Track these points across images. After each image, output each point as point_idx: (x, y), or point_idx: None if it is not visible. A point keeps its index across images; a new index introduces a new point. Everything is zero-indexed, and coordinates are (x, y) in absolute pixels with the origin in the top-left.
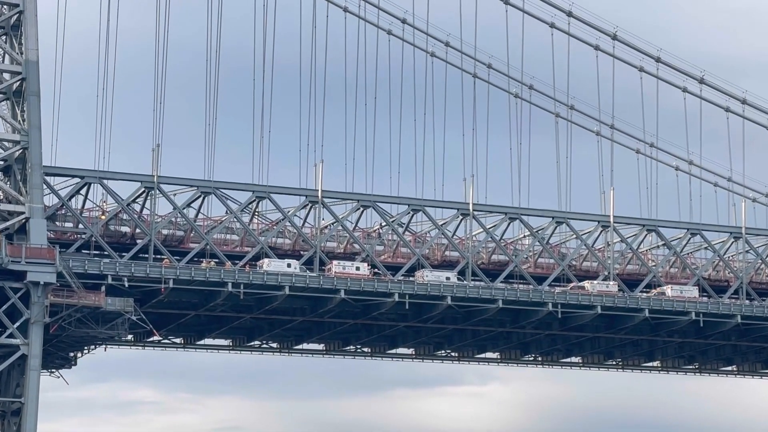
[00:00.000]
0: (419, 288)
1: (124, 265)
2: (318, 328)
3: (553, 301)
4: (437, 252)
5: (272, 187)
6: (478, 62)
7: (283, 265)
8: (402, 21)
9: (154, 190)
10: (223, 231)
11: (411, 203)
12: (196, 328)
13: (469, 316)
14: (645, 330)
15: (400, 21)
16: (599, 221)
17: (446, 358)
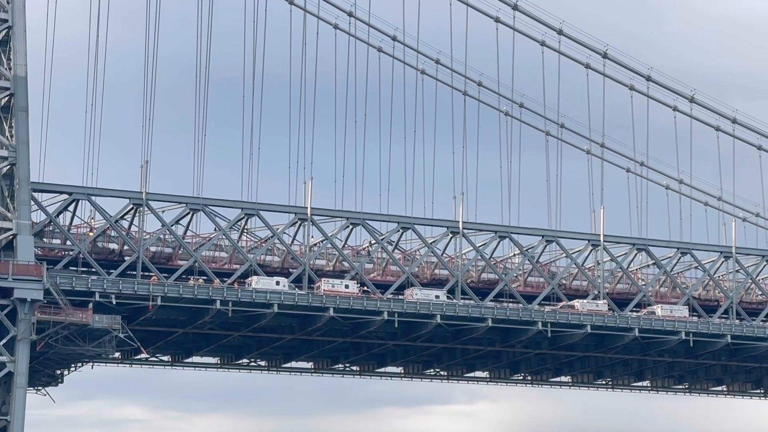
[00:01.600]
0: (408, 306)
1: (112, 282)
2: (307, 346)
3: (542, 320)
4: (427, 270)
5: (261, 204)
6: (469, 80)
7: (271, 282)
8: (392, 38)
9: (143, 207)
10: (211, 248)
11: (400, 221)
12: (184, 345)
13: (459, 335)
14: (635, 349)
15: (391, 38)
16: (589, 240)
17: (435, 377)
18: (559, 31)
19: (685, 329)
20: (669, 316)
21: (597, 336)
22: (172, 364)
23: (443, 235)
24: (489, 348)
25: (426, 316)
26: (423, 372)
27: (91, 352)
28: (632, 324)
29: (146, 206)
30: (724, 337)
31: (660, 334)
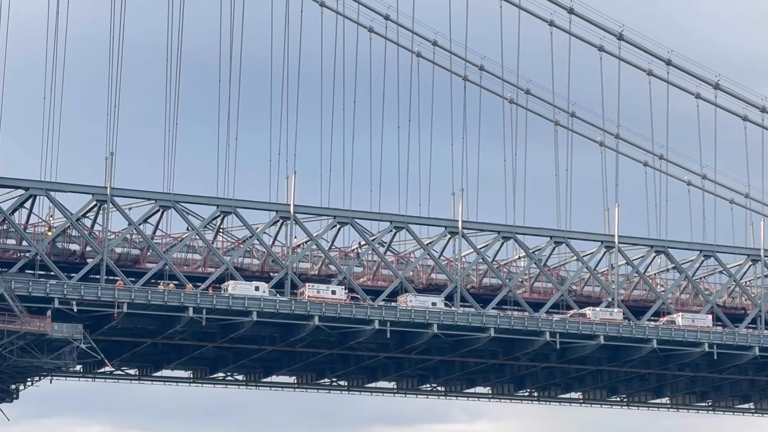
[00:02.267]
0: (402, 314)
1: (73, 287)
2: (289, 358)
3: (551, 330)
4: (422, 274)
5: (239, 201)
6: (469, 64)
7: (250, 288)
8: (385, 17)
9: (107, 204)
10: (183, 249)
11: (393, 220)
12: (152, 357)
13: (458, 347)
14: (653, 363)
15: (383, 17)
16: (602, 241)
17: (432, 393)
18: (570, 9)
19: (708, 340)
20: (691, 326)
21: (611, 348)
22: (139, 379)
23: (441, 236)
24: (491, 361)
25: (421, 325)
26: (418, 387)
27: (49, 365)
28: (650, 335)
29: (111, 203)
30: (752, 350)
31: (681, 346)
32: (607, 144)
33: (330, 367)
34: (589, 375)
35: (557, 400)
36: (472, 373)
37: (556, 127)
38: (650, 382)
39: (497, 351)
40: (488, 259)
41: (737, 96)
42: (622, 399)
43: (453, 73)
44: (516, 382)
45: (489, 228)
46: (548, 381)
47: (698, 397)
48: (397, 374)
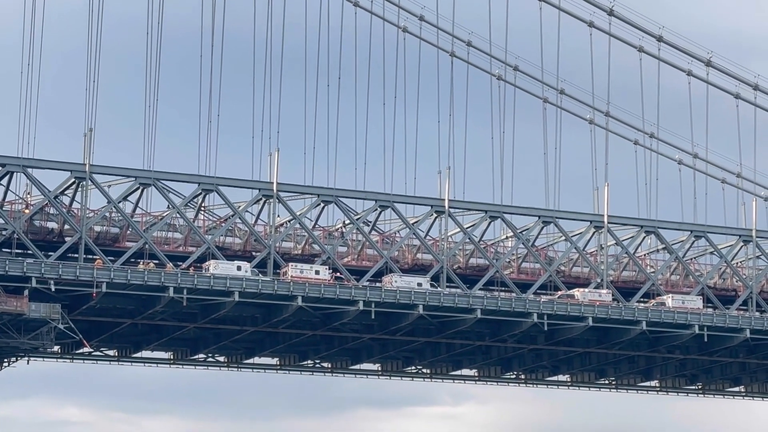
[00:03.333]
0: (387, 295)
1: (51, 266)
2: (271, 339)
3: (538, 311)
4: (408, 254)
5: (221, 179)
6: (457, 39)
7: (232, 267)
8: None
9: (86, 181)
10: (164, 228)
11: (378, 199)
12: (132, 338)
13: (444, 328)
14: (642, 345)
15: None
16: (591, 221)
17: (417, 375)
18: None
19: (698, 322)
20: (681, 308)
21: (599, 330)
22: (118, 359)
23: (427, 215)
24: (478, 343)
25: (407, 306)
26: (403, 369)
27: (26, 345)
28: (639, 316)
29: (90, 180)
30: (743, 332)
31: (670, 328)
32: (596, 122)
33: (313, 349)
34: (577, 357)
35: (545, 383)
36: (458, 355)
37: (545, 105)
38: (639, 365)
39: (484, 332)
40: (475, 239)
41: (729, 73)
42: (611, 382)
43: (440, 48)
44: (503, 364)
45: (476, 207)
46: (536, 363)
47: (688, 380)
48: (382, 356)
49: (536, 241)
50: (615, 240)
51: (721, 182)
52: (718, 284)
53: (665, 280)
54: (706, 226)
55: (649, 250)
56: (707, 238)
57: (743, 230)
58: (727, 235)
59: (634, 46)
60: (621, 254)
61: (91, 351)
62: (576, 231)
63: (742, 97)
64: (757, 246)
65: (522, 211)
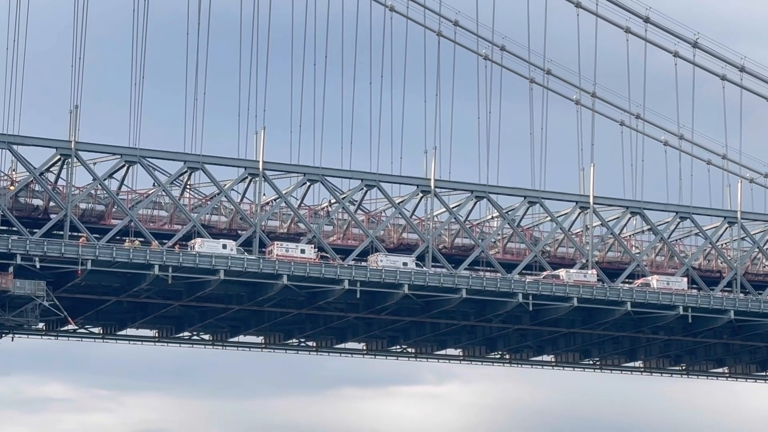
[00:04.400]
0: (372, 274)
1: (36, 243)
2: (256, 318)
3: (523, 291)
4: (393, 234)
5: (206, 157)
6: (444, 18)
7: (217, 245)
8: None
9: (71, 158)
10: (149, 206)
11: (364, 178)
12: (117, 316)
13: (429, 307)
14: (627, 326)
15: None
16: (577, 202)
17: (402, 355)
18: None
19: (683, 303)
20: (665, 289)
21: (584, 310)
22: (103, 337)
23: (412, 195)
24: (463, 322)
25: (392, 285)
26: (388, 349)
27: (11, 322)
28: (624, 297)
29: (75, 157)
30: (727, 313)
31: (655, 309)
32: (583, 103)
33: (298, 327)
34: (562, 337)
35: (529, 363)
36: (443, 334)
37: (532, 85)
38: (623, 345)
39: (469, 312)
40: (461, 219)
41: (716, 55)
42: (595, 362)
43: (427, 28)
44: (488, 344)
45: (462, 187)
46: (520, 343)
47: (672, 361)
48: (367, 335)
49: (522, 221)
50: (600, 220)
51: (706, 163)
52: (703, 265)
53: (650, 261)
54: (691, 207)
55: (635, 230)
56: (692, 219)
57: (728, 212)
58: (712, 217)
59: (621, 27)
60: (606, 235)
61: (76, 328)
62: (562, 211)
63: (729, 78)
64: (742, 227)
65: (508, 191)
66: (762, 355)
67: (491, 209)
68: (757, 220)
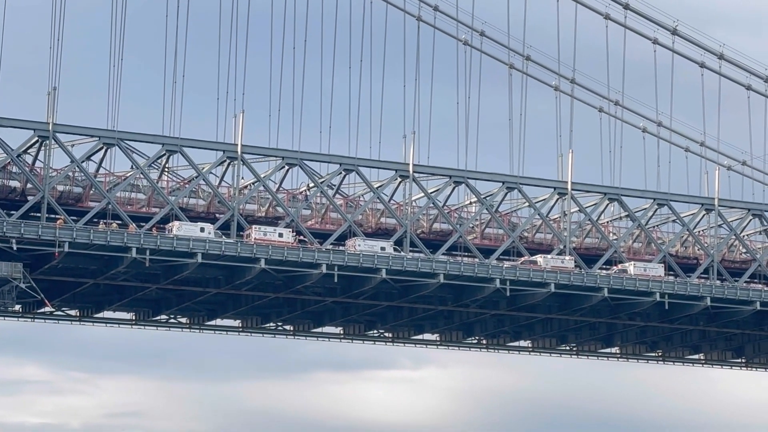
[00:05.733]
0: (350, 259)
1: (13, 225)
2: (234, 301)
3: (501, 276)
4: (371, 218)
5: (185, 140)
6: (424, 3)
7: (195, 229)
8: None
9: (49, 140)
10: (127, 188)
11: (343, 162)
12: (94, 298)
13: (406, 292)
14: (603, 312)
15: None
16: (555, 188)
17: (379, 339)
18: None
19: (659, 290)
20: (642, 275)
21: (561, 296)
22: (80, 319)
23: (391, 179)
24: (440, 307)
25: (370, 270)
26: (365, 333)
27: None
28: (601, 283)
29: (53, 139)
30: (703, 300)
31: (632, 295)
32: (562, 89)
33: (276, 311)
34: (539, 323)
35: (506, 348)
36: (420, 319)
37: (511, 71)
38: (600, 331)
39: (446, 297)
40: (439, 204)
41: (695, 42)
42: (572, 348)
43: (407, 12)
44: (465, 329)
45: (440, 172)
46: (497, 328)
47: (648, 347)
48: (344, 319)
49: (500, 206)
50: (578, 207)
51: (684, 150)
52: (680, 252)
53: (627, 247)
54: (669, 194)
55: (612, 217)
56: (670, 206)
57: (706, 199)
58: (690, 204)
59: (601, 13)
60: (584, 221)
61: (53, 310)
62: (540, 197)
63: (707, 66)
64: (719, 215)
65: (486, 177)
66: (737, 342)
67: (469, 195)
68: (734, 207)
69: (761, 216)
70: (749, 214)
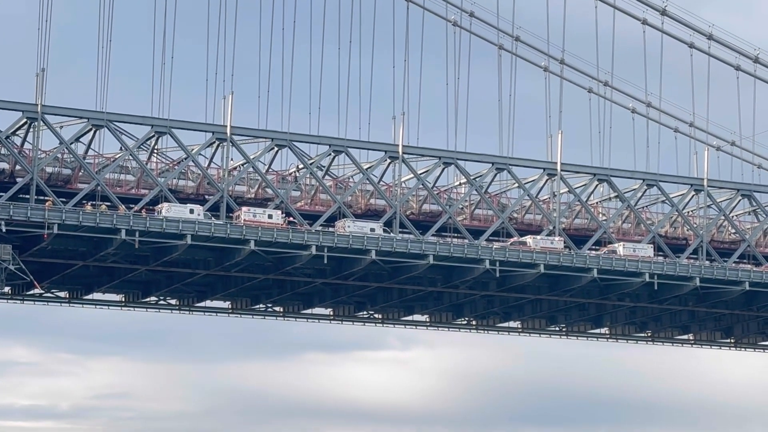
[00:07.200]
0: (340, 240)
1: (2, 207)
2: (223, 283)
3: (490, 257)
4: (361, 200)
5: (174, 122)
6: None
7: (185, 210)
8: None
9: (38, 122)
10: (116, 170)
11: (332, 143)
12: (83, 280)
13: (396, 273)
14: (593, 292)
15: None
16: (545, 169)
17: (368, 320)
18: None
19: (649, 270)
20: (632, 256)
21: (551, 277)
22: (69, 301)
23: (380, 161)
24: (430, 288)
25: (359, 251)
26: (354, 314)
27: None
28: (590, 264)
29: (42, 121)
30: (692, 280)
31: (621, 276)
32: (551, 70)
33: (265, 293)
34: (529, 304)
35: (495, 329)
36: (410, 300)
37: (500, 51)
38: (590, 312)
39: (436, 278)
40: (428, 185)
41: (684, 22)
42: (561, 329)
43: None
44: (454, 310)
45: (430, 153)
46: (487, 309)
47: (637, 328)
48: (334, 301)
49: (489, 187)
50: (568, 187)
51: (673, 131)
52: (669, 233)
53: (617, 228)
54: (658, 174)
55: (602, 198)
56: (659, 186)
57: (695, 179)
58: (679, 184)
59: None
60: (573, 202)
61: (42, 292)
62: (529, 178)
63: (696, 46)
64: (708, 195)
65: (475, 158)
66: (726, 322)
67: (459, 176)
68: (723, 187)
69: (750, 196)
70: (738, 195)
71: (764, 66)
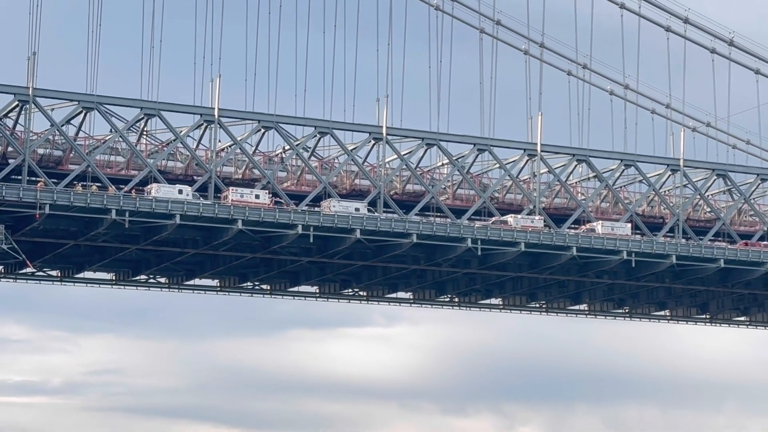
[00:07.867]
0: (325, 219)
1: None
2: (212, 261)
3: (472, 236)
4: (346, 180)
5: (163, 104)
6: None
7: (173, 191)
8: None
9: (29, 104)
10: (106, 152)
11: (318, 125)
12: (75, 259)
13: (380, 252)
14: (572, 270)
15: None
16: (525, 149)
17: (353, 298)
18: None
19: (626, 248)
20: (610, 234)
21: (531, 255)
22: (61, 280)
23: (365, 142)
24: (413, 266)
25: (344, 230)
26: (340, 292)
27: None
28: (570, 242)
29: (33, 103)
30: (669, 258)
31: (599, 254)
32: (531, 53)
33: (253, 271)
34: (510, 281)
35: (477, 306)
36: (393, 278)
37: (482, 35)
38: (569, 289)
39: (419, 257)
40: (412, 166)
41: (661, 6)
42: (541, 305)
43: None
44: (437, 287)
45: (413, 134)
46: (469, 287)
47: (615, 304)
48: (320, 279)
49: (471, 168)
50: (548, 168)
51: (650, 112)
52: (646, 212)
53: (595, 207)
54: (635, 155)
55: (581, 178)
56: (636, 166)
57: (671, 159)
58: (656, 164)
59: None
60: (553, 182)
61: (35, 271)
62: (510, 159)
63: (673, 30)
64: (685, 175)
65: (458, 139)
66: (702, 298)
67: (441, 156)
68: (699, 167)
69: (725, 176)
70: (713, 174)
71: (739, 49)
